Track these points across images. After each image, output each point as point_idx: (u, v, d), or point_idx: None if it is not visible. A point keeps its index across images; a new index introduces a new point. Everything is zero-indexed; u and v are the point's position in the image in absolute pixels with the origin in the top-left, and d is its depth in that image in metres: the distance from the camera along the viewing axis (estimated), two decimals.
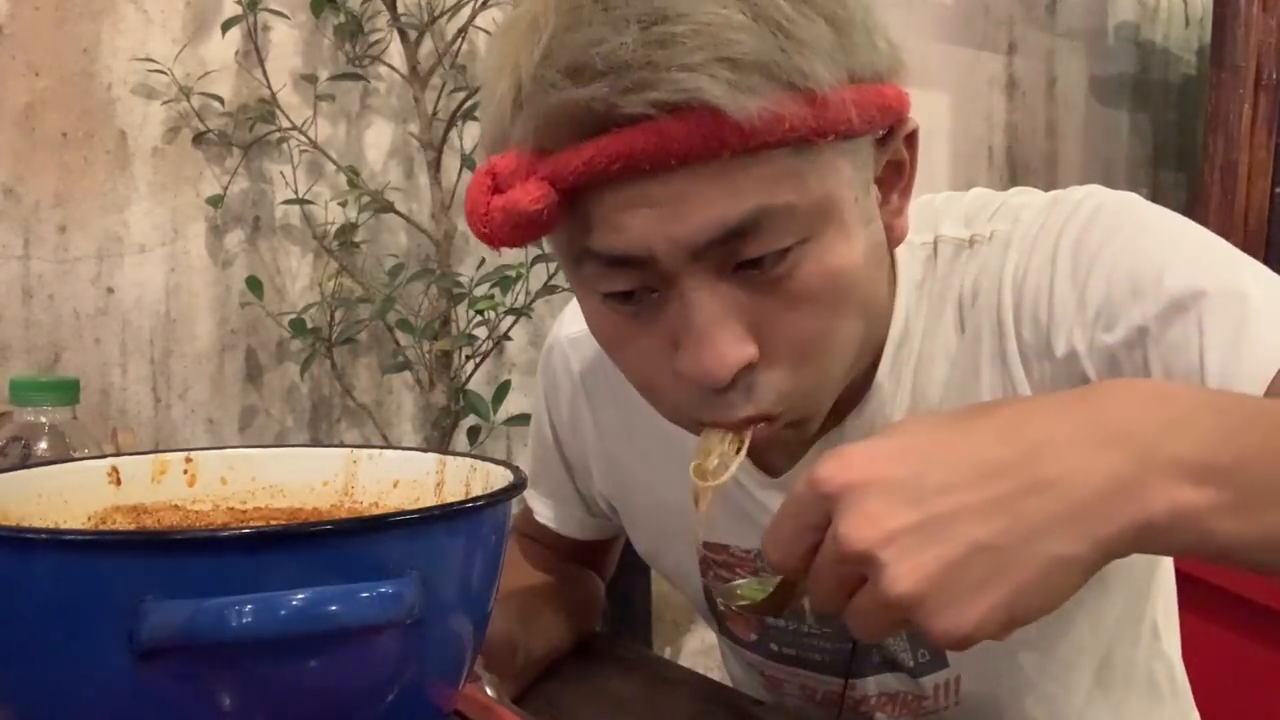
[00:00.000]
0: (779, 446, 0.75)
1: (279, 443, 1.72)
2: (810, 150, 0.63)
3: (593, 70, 0.60)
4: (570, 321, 0.97)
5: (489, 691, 0.80)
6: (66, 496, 0.72)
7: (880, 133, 0.69)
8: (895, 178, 0.72)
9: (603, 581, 1.11)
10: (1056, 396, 0.55)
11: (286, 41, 1.71)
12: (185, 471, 0.77)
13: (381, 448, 0.80)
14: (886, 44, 0.67)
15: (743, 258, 0.64)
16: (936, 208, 0.82)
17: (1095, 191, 0.76)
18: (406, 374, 1.74)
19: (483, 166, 0.65)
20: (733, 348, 0.65)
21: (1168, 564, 0.93)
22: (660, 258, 0.64)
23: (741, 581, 0.65)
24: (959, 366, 0.78)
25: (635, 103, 0.60)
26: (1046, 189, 0.82)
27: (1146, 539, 0.50)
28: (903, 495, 0.50)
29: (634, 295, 0.67)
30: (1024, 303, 0.74)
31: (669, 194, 0.62)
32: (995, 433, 0.52)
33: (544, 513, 1.04)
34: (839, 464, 0.52)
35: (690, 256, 0.64)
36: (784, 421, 0.70)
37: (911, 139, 0.72)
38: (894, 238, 0.73)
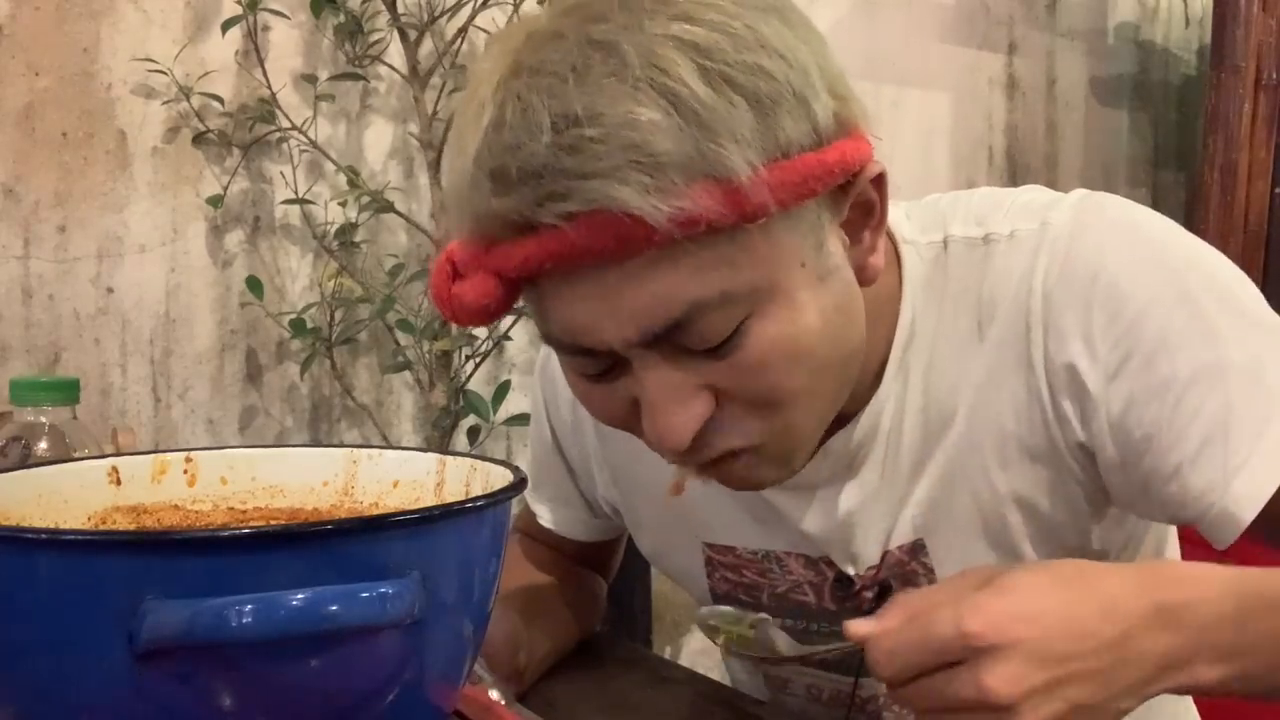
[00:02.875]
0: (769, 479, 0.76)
1: (279, 443, 1.72)
2: (741, 234, 0.63)
3: (510, 178, 0.62)
4: None
5: (494, 695, 0.80)
6: (66, 496, 0.72)
7: (838, 186, 0.68)
8: (864, 218, 0.72)
9: (605, 581, 1.11)
10: (1137, 576, 0.64)
11: (286, 41, 1.71)
12: (185, 471, 0.77)
13: (381, 448, 0.80)
14: (834, 100, 0.66)
15: (687, 345, 0.66)
16: (943, 208, 0.81)
17: (1132, 210, 0.77)
18: (406, 374, 1.74)
19: (443, 253, 0.69)
20: (686, 418, 0.68)
21: (1174, 554, 0.93)
22: (609, 345, 0.66)
23: (721, 609, 0.66)
24: (977, 377, 0.78)
25: (549, 213, 0.61)
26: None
27: (1174, 691, 0.63)
28: (1037, 659, 0.59)
29: (603, 373, 0.70)
30: (1053, 312, 0.75)
31: (604, 290, 0.64)
32: (1099, 607, 0.62)
33: (546, 516, 1.03)
34: (987, 621, 0.59)
35: (637, 344, 0.66)
36: (762, 456, 0.72)
37: (879, 181, 0.71)
38: (868, 276, 0.73)
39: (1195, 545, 0.93)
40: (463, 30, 1.68)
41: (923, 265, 0.80)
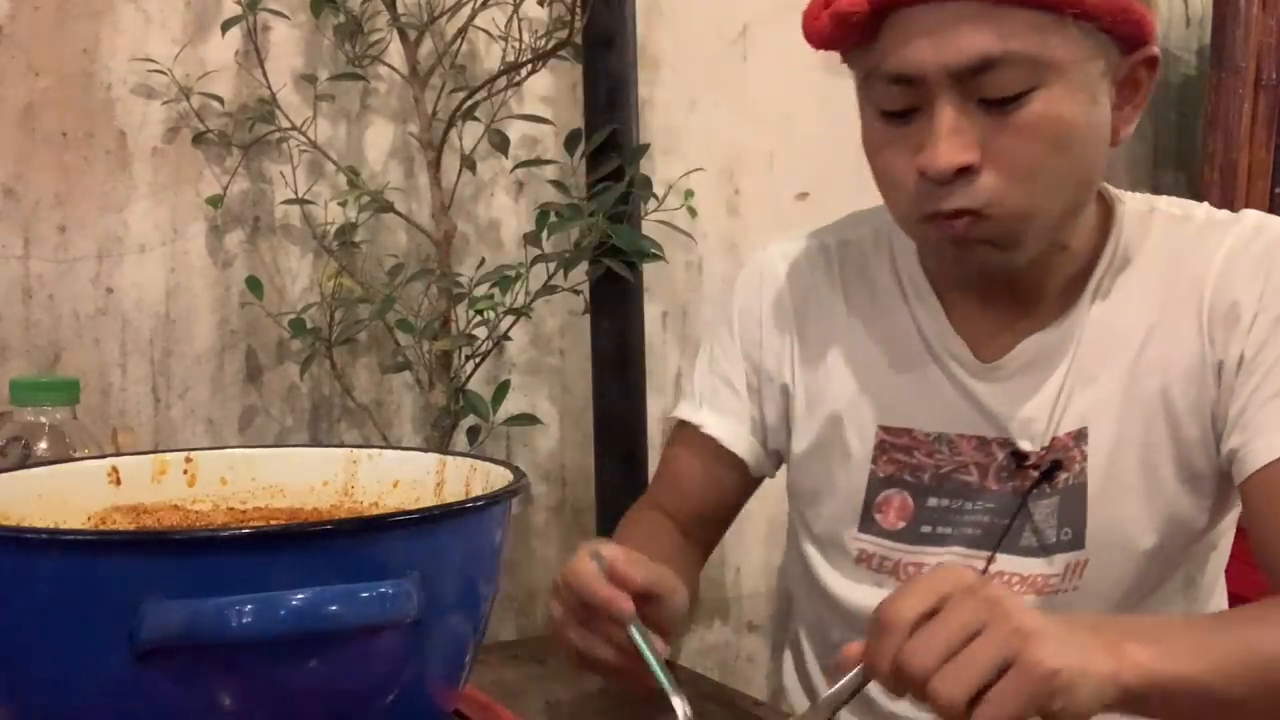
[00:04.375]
0: (985, 278, 0.98)
1: (279, 443, 1.72)
2: (1059, 19, 0.85)
3: None
4: (780, 242, 1.18)
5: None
6: (66, 496, 0.72)
7: (1125, 44, 0.89)
8: (1131, 92, 0.93)
9: (704, 559, 1.20)
10: (1119, 628, 0.78)
11: (286, 41, 1.71)
12: (185, 471, 0.77)
13: (381, 448, 0.80)
14: None
15: (985, 92, 0.86)
16: (1150, 196, 1.04)
17: None
18: (406, 374, 1.74)
19: None
20: (958, 151, 0.87)
21: (1227, 542, 1.08)
22: (927, 76, 0.87)
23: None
24: (1157, 309, 0.98)
25: None
26: None
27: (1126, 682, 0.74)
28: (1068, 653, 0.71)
29: (900, 114, 0.90)
30: (1232, 264, 0.96)
31: (943, 22, 0.85)
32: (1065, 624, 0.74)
33: (714, 424, 1.14)
34: (1047, 649, 0.69)
35: (949, 79, 0.86)
36: (992, 228, 0.90)
37: (1152, 64, 0.93)
38: (1118, 138, 0.93)
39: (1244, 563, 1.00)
40: (463, 30, 1.68)
41: (1130, 221, 1.01)
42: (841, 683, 0.72)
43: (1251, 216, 0.99)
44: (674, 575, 0.87)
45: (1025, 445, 1.00)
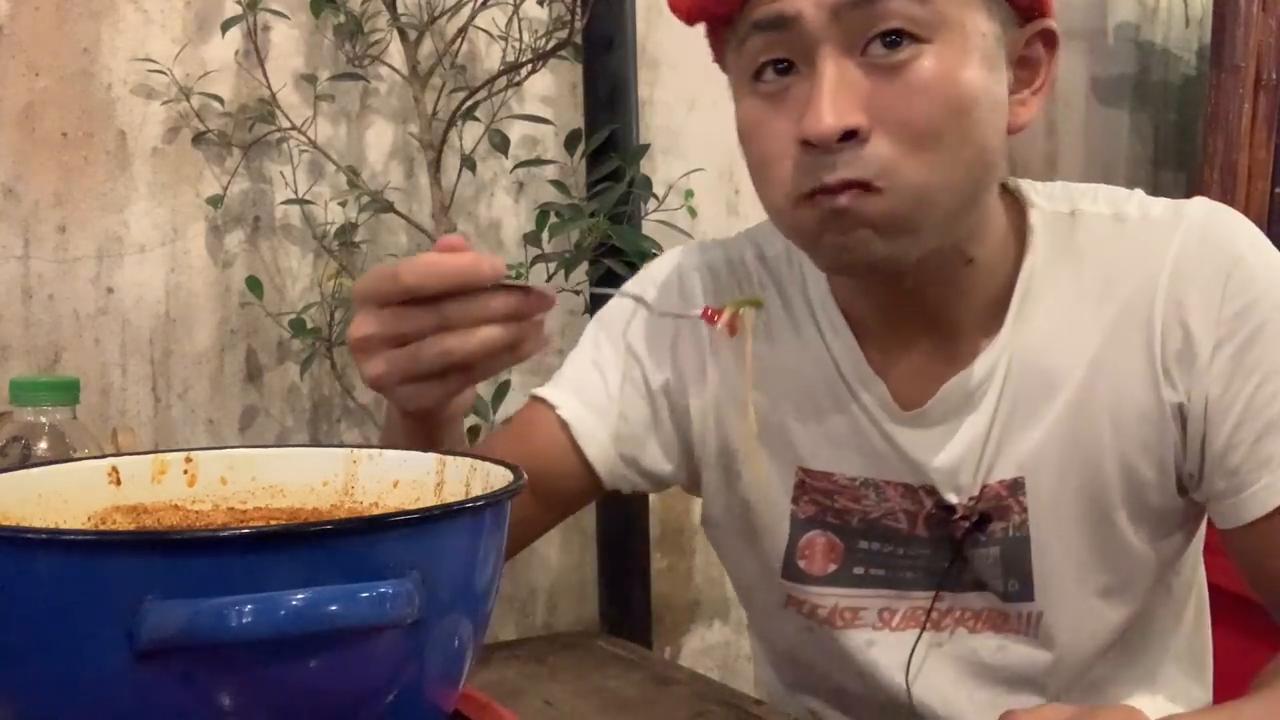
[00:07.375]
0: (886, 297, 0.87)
1: (279, 443, 1.71)
2: None
3: None
4: (695, 250, 1.03)
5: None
6: (66, 496, 0.71)
7: (1020, 14, 0.82)
8: (1030, 75, 0.84)
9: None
10: None
11: (286, 41, 1.71)
12: (185, 471, 0.77)
13: (381, 448, 0.80)
14: None
15: (872, 30, 0.76)
16: (1068, 189, 0.91)
17: (1253, 225, 0.87)
18: None
19: None
20: (844, 112, 0.76)
21: (1200, 571, 1.01)
22: (804, 16, 0.76)
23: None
24: (1098, 336, 0.86)
25: None
26: None
27: None
28: None
29: (780, 71, 0.79)
30: (1181, 282, 0.84)
31: None
32: None
33: (571, 409, 0.99)
34: None
35: (831, 18, 0.76)
36: (881, 205, 0.77)
37: (1050, 41, 0.84)
38: (1015, 123, 0.83)
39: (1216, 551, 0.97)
40: (463, 30, 1.68)
41: (1047, 228, 0.88)
42: None
43: (1196, 212, 0.86)
44: None
45: (951, 497, 0.90)
